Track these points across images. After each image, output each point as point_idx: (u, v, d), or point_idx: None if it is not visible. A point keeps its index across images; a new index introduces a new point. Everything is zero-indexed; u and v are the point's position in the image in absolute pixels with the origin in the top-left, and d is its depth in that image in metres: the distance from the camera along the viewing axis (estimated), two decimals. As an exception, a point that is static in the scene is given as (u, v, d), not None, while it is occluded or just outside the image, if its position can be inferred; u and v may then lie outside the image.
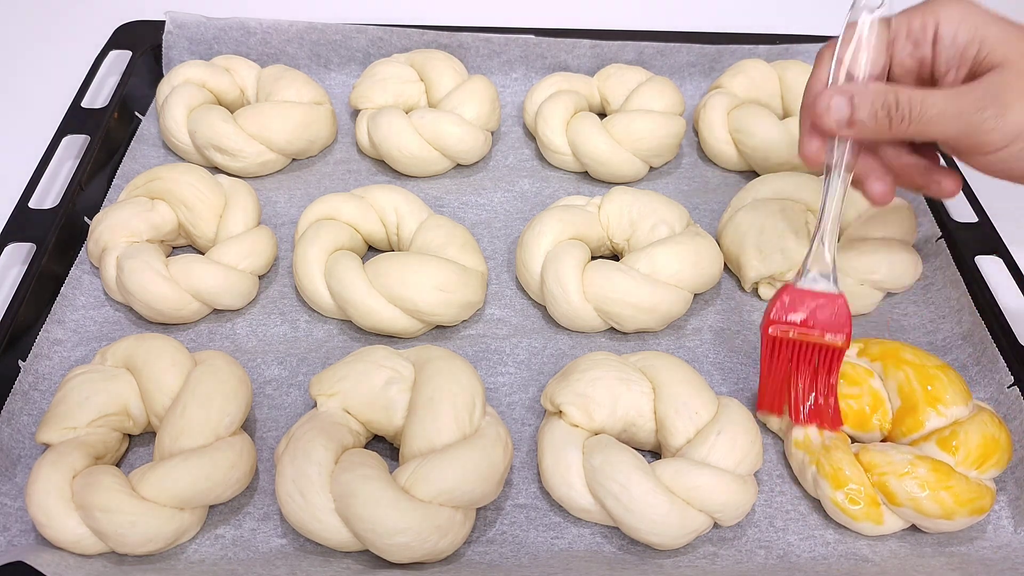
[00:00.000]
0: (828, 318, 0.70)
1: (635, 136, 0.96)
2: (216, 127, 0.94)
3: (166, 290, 0.79)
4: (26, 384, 0.76)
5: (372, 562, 0.67)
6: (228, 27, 1.08)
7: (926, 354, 0.75)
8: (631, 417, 0.71)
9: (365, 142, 1.00)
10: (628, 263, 0.82)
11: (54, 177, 0.98)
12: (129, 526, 0.63)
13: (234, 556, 0.67)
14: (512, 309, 0.87)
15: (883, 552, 0.70)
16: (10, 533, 0.68)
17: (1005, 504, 0.73)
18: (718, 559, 0.68)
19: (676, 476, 0.66)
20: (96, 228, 0.84)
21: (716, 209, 0.98)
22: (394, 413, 0.70)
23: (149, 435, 0.74)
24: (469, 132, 0.97)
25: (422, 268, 0.80)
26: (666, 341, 0.84)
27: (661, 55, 1.12)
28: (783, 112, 1.06)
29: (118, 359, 0.73)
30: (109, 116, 0.99)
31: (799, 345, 0.71)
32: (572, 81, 1.05)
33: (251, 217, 0.88)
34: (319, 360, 0.81)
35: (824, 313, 0.70)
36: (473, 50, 1.10)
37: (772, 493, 0.73)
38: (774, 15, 1.26)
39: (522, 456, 0.75)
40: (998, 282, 0.87)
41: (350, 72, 1.11)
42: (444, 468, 0.64)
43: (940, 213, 0.93)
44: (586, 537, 0.70)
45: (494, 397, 0.79)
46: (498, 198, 0.98)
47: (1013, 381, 0.77)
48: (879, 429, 0.74)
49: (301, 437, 0.67)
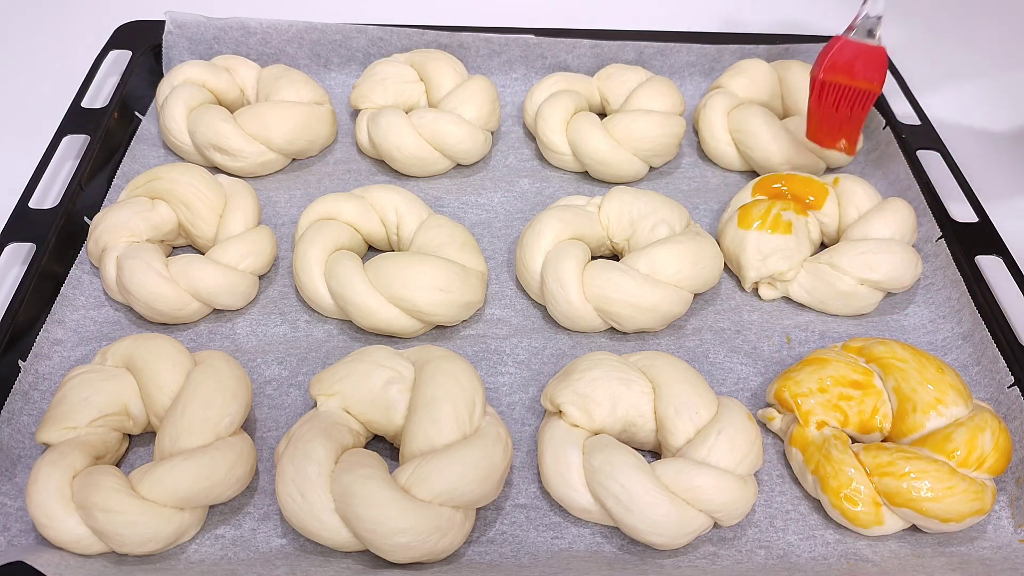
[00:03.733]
0: (867, 66, 0.84)
1: (635, 136, 0.96)
2: (216, 127, 0.94)
3: (166, 290, 0.79)
4: (26, 384, 0.76)
5: (372, 562, 0.67)
6: (228, 27, 1.08)
7: (926, 354, 0.75)
8: (631, 417, 0.71)
9: (365, 142, 1.00)
10: (628, 263, 0.82)
11: (54, 177, 0.98)
12: (129, 526, 0.63)
13: (234, 556, 0.67)
14: (512, 309, 0.87)
15: (883, 552, 0.70)
16: (10, 533, 0.68)
17: (1005, 504, 0.73)
18: (718, 559, 0.68)
19: (676, 476, 0.66)
20: (96, 228, 0.84)
21: (716, 209, 0.98)
22: (394, 413, 0.70)
23: (149, 435, 0.74)
24: (469, 132, 0.97)
25: (422, 268, 0.80)
26: (666, 341, 0.84)
27: (661, 55, 1.12)
28: (783, 112, 1.06)
29: (118, 359, 0.73)
30: (109, 116, 0.99)
31: (841, 87, 0.85)
32: (572, 81, 1.05)
33: (251, 217, 0.88)
34: (319, 360, 0.81)
35: (865, 62, 0.84)
36: (473, 50, 1.10)
37: (772, 493, 0.73)
38: (774, 15, 1.26)
39: (522, 456, 0.75)
40: (998, 282, 0.87)
41: (350, 72, 1.11)
42: (444, 468, 0.64)
43: (940, 213, 0.93)
44: (586, 537, 0.70)
45: (494, 397, 0.79)
46: (498, 198, 0.98)
47: (1013, 381, 0.77)
48: (879, 429, 0.74)
49: (301, 437, 0.67)
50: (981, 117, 1.14)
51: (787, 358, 0.83)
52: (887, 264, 0.84)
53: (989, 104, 1.14)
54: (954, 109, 1.08)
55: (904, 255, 0.85)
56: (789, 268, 0.86)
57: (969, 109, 1.10)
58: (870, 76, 0.84)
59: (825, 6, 1.27)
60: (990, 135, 1.13)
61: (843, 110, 0.86)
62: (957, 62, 1.22)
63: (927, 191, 0.95)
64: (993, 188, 0.99)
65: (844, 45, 0.85)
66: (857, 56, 0.85)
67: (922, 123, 1.05)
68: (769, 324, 0.86)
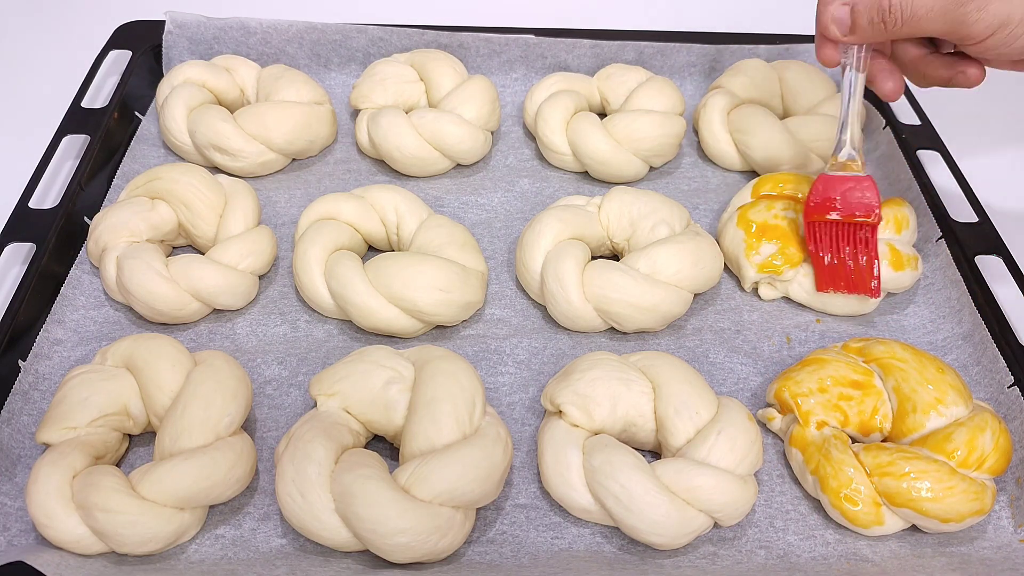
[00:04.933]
0: (858, 199, 0.81)
1: (635, 136, 0.96)
2: (216, 127, 0.94)
3: (166, 290, 0.79)
4: (26, 384, 0.76)
5: (372, 562, 0.67)
6: (228, 27, 1.08)
7: (926, 354, 0.75)
8: (631, 417, 0.71)
9: (365, 142, 1.00)
10: (628, 263, 0.82)
11: (54, 177, 0.98)
12: (129, 526, 0.63)
13: (234, 556, 0.67)
14: (512, 309, 0.87)
15: (883, 552, 0.70)
16: (10, 533, 0.68)
17: (1005, 504, 0.73)
18: (718, 559, 0.68)
19: (676, 476, 0.66)
20: (96, 228, 0.84)
21: (716, 209, 0.98)
22: (394, 413, 0.70)
23: (149, 435, 0.74)
24: (469, 132, 0.97)
25: (422, 268, 0.80)
26: (666, 341, 0.84)
27: (661, 55, 1.12)
28: (783, 112, 1.06)
29: (118, 359, 0.73)
30: (109, 116, 0.99)
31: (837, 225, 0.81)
32: (572, 81, 1.05)
33: (251, 217, 0.88)
34: (319, 360, 0.81)
35: (854, 195, 0.81)
36: (473, 50, 1.10)
37: (772, 493, 0.73)
38: (774, 15, 1.26)
39: (522, 456, 0.75)
40: (998, 282, 0.87)
41: (350, 72, 1.11)
42: (444, 468, 0.64)
43: (940, 213, 0.93)
44: (586, 537, 0.70)
45: (494, 397, 0.79)
46: (498, 198, 0.98)
47: (1013, 381, 0.77)
48: (879, 429, 0.74)
49: (301, 437, 0.67)
50: (981, 117, 1.14)
51: (787, 358, 0.83)
52: (885, 264, 0.84)
53: (990, 104, 1.13)
54: (954, 109, 1.08)
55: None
56: (789, 268, 0.85)
57: (970, 109, 1.10)
58: (859, 209, 0.80)
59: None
60: (990, 135, 1.13)
61: (842, 245, 0.82)
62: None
63: (927, 191, 0.95)
64: (993, 188, 0.99)
65: (824, 180, 0.82)
66: (840, 191, 0.81)
67: (922, 123, 1.05)
68: (769, 324, 0.86)
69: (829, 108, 1.01)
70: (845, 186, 0.81)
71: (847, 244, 0.82)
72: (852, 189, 0.81)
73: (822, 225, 0.82)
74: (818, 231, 0.82)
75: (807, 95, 1.04)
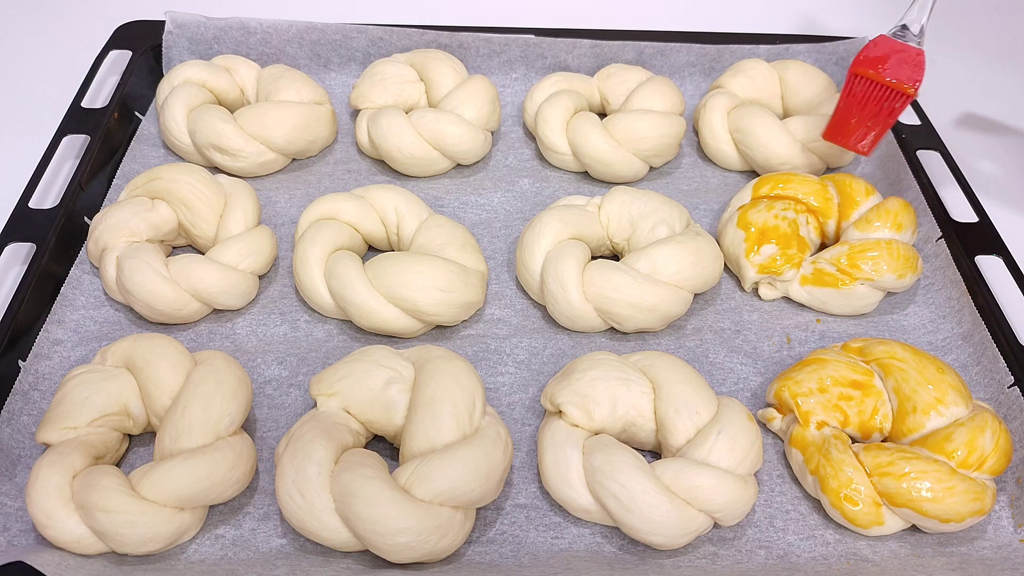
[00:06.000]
0: (906, 67, 0.83)
1: (635, 136, 0.96)
2: (216, 127, 0.94)
3: (166, 290, 0.79)
4: (26, 384, 0.76)
5: (372, 562, 0.67)
6: (228, 27, 1.08)
7: (926, 354, 0.75)
8: (631, 417, 0.71)
9: (365, 142, 1.00)
10: (628, 263, 0.82)
11: (54, 177, 0.98)
12: (129, 526, 0.63)
13: (234, 556, 0.67)
14: (512, 309, 0.87)
15: (883, 552, 0.70)
16: (10, 533, 0.68)
17: (1005, 504, 0.73)
18: (718, 559, 0.68)
19: (676, 476, 0.66)
20: (96, 228, 0.84)
21: (716, 209, 0.98)
22: (394, 413, 0.70)
23: (149, 435, 0.74)
24: (469, 132, 0.97)
25: (422, 268, 0.80)
26: (666, 341, 0.84)
27: (661, 55, 1.12)
28: (783, 112, 1.06)
29: (118, 359, 0.73)
30: (109, 116, 0.99)
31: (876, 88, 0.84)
32: (572, 81, 1.05)
33: (251, 217, 0.88)
34: (319, 360, 0.81)
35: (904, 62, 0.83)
36: (473, 50, 1.10)
37: (772, 493, 0.73)
38: (774, 15, 1.26)
39: (522, 456, 0.75)
40: (998, 282, 0.87)
41: (350, 72, 1.11)
42: (444, 468, 0.64)
43: (940, 213, 0.93)
44: (586, 537, 0.70)
45: (494, 397, 0.79)
46: (498, 198, 0.98)
47: (1013, 381, 0.77)
48: (879, 430, 0.74)
49: (301, 437, 0.67)
50: (981, 116, 1.14)
51: (787, 358, 0.83)
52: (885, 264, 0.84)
53: (989, 103, 1.14)
54: (954, 109, 1.08)
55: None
56: (789, 268, 0.85)
57: (969, 108, 1.10)
58: (903, 76, 0.83)
59: (826, 6, 1.27)
60: (990, 135, 1.13)
61: (870, 107, 0.85)
62: (957, 62, 1.22)
63: (927, 191, 0.95)
64: (993, 188, 0.99)
65: (881, 41, 0.85)
66: (892, 54, 0.84)
67: (922, 123, 1.05)
68: (769, 324, 0.86)
69: (829, 108, 1.00)
70: (898, 51, 0.84)
71: (876, 106, 0.85)
72: (904, 57, 0.84)
73: (863, 82, 0.85)
74: (855, 87, 0.85)
75: (807, 95, 1.04)
